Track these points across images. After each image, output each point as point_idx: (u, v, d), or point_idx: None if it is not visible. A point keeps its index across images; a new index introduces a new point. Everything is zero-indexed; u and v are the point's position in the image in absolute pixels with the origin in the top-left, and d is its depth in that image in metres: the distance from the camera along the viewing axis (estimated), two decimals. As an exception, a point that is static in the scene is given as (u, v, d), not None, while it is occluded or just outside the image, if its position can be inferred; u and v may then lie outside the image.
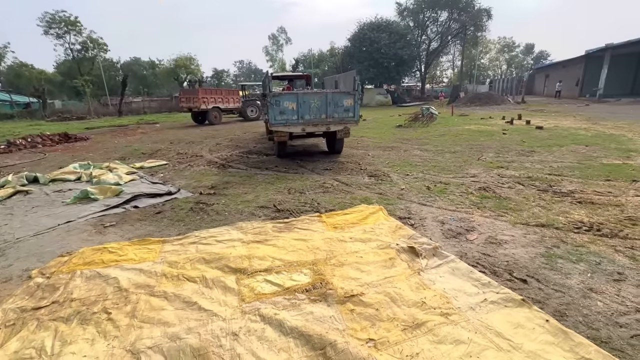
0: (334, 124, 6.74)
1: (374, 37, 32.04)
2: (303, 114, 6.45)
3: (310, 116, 6.51)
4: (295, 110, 6.40)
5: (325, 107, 6.52)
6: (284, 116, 6.38)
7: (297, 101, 6.37)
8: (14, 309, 2.34)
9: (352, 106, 6.68)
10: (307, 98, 6.45)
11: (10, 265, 3.09)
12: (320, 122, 6.62)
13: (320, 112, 6.54)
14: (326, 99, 6.51)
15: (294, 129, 6.61)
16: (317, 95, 6.57)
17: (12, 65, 37.32)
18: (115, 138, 13.28)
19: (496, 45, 58.66)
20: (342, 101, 6.60)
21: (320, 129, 6.78)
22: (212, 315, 2.19)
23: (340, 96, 6.65)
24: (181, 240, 3.39)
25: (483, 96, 25.11)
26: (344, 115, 6.69)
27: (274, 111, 6.30)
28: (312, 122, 6.58)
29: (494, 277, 2.56)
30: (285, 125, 6.48)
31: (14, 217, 4.36)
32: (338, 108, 6.60)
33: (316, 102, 6.46)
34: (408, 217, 3.85)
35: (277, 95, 6.42)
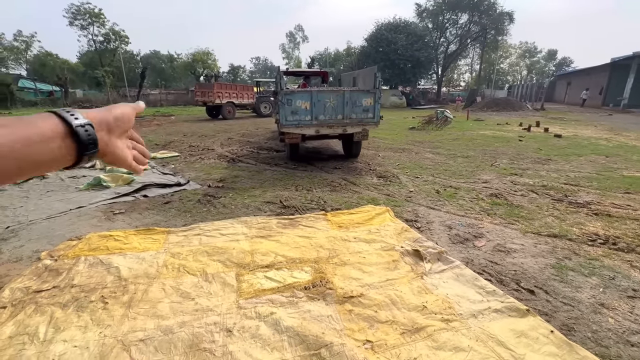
0: (351, 126, 6.09)
1: (391, 38, 31.71)
2: (317, 114, 5.84)
3: (325, 117, 5.90)
4: (308, 110, 5.79)
5: (342, 106, 5.90)
6: (296, 116, 5.80)
7: (311, 100, 5.75)
8: (21, 289, 2.39)
9: (371, 106, 6.03)
10: (322, 97, 5.83)
11: (22, 246, 3.17)
12: (336, 124, 5.99)
13: (337, 112, 5.91)
14: (343, 98, 5.87)
15: (306, 130, 5.94)
16: (333, 94, 5.88)
17: (38, 55, 38.60)
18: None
19: (517, 50, 57.24)
20: (360, 100, 5.98)
21: (336, 130, 6.12)
22: (208, 310, 2.18)
23: (359, 95, 5.99)
24: (186, 232, 3.42)
25: (501, 101, 24.52)
26: (362, 115, 6.06)
27: (285, 111, 5.70)
28: (327, 123, 5.95)
29: (500, 286, 2.47)
30: (297, 126, 5.87)
31: (29, 200, 4.49)
32: (356, 108, 5.98)
33: (332, 102, 5.85)
34: (415, 220, 3.78)
35: (288, 93, 5.77)
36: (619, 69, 24.25)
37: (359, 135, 6.34)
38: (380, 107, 6.18)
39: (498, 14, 33.37)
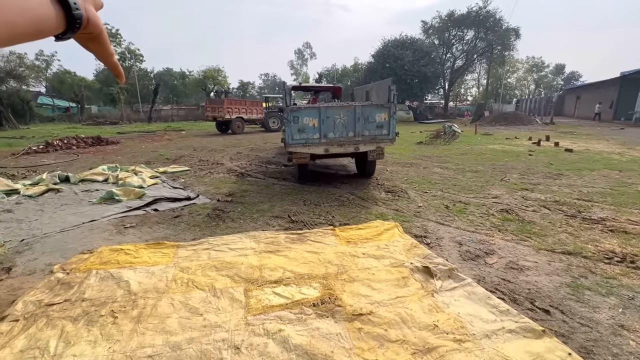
0: (364, 144, 5.62)
1: (397, 54, 32.20)
2: (326, 131, 5.45)
3: (335, 134, 5.50)
4: (316, 127, 5.40)
5: (353, 123, 5.48)
6: (304, 135, 5.42)
7: (319, 117, 5.37)
8: (33, 302, 2.43)
9: (386, 121, 5.60)
10: (331, 113, 5.44)
11: (35, 259, 3.23)
12: (347, 142, 5.54)
13: (348, 129, 5.51)
14: (354, 113, 5.47)
15: (315, 149, 5.52)
16: (343, 110, 5.50)
17: (57, 72, 40.27)
18: (143, 143, 13.89)
19: (524, 65, 57.38)
20: (374, 116, 5.55)
21: (348, 149, 5.62)
22: (216, 326, 2.17)
23: (372, 110, 5.57)
24: (195, 246, 3.44)
25: (509, 116, 24.42)
26: (376, 132, 5.62)
27: (291, 129, 5.33)
28: (337, 142, 5.53)
29: (514, 305, 2.41)
30: (304, 145, 5.45)
31: (43, 214, 4.60)
32: (369, 124, 5.55)
33: (342, 118, 5.45)
34: (424, 235, 3.74)
35: (295, 110, 5.39)
36: (629, 82, 24.03)
37: (373, 153, 5.79)
38: (395, 122, 5.74)
39: (504, 30, 33.70)
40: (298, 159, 5.69)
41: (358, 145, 5.62)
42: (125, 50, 36.83)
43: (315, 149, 5.55)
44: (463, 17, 34.07)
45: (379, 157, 5.92)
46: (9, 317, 2.25)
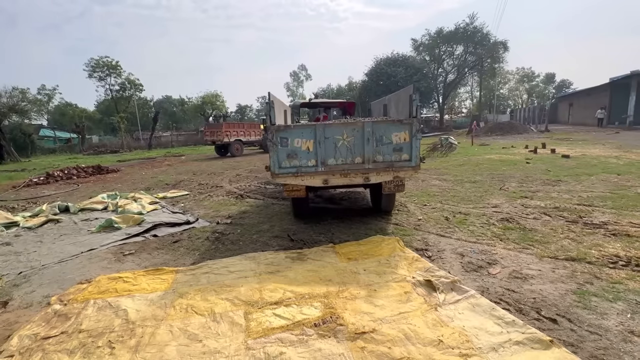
0: (377, 172, 4.20)
1: (390, 72, 33.00)
2: (325, 157, 4.13)
3: (337, 160, 4.16)
4: (311, 151, 4.12)
5: (361, 145, 4.12)
6: (294, 161, 4.15)
7: (315, 137, 4.08)
8: (29, 336, 2.38)
9: (407, 143, 4.12)
10: (331, 132, 4.12)
11: (32, 291, 3.19)
12: (353, 170, 4.18)
13: (354, 153, 4.15)
14: (362, 132, 4.09)
15: (310, 180, 4.22)
16: (347, 128, 4.15)
17: (58, 105, 41.16)
18: (143, 170, 13.99)
19: (515, 76, 58.62)
20: (389, 135, 4.12)
21: (354, 179, 4.26)
22: (216, 352, 2.12)
23: (387, 127, 4.15)
24: (194, 271, 3.40)
25: (504, 125, 24.74)
26: (393, 157, 4.17)
27: (278, 154, 4.12)
28: (339, 170, 4.18)
29: (520, 316, 2.35)
30: (295, 175, 4.16)
31: (42, 245, 4.57)
32: (383, 147, 4.15)
33: (346, 139, 4.11)
34: (425, 248, 3.70)
35: (282, 129, 4.14)
36: (618, 88, 24.46)
37: (389, 185, 4.31)
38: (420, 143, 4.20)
39: (492, 44, 34.71)
40: (290, 191, 4.38)
41: (368, 175, 4.19)
42: (125, 81, 37.78)
43: (310, 179, 4.22)
44: (451, 33, 35.20)
45: (398, 190, 4.38)
46: (4, 353, 2.19)
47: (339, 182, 4.32)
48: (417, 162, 4.20)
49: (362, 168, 4.19)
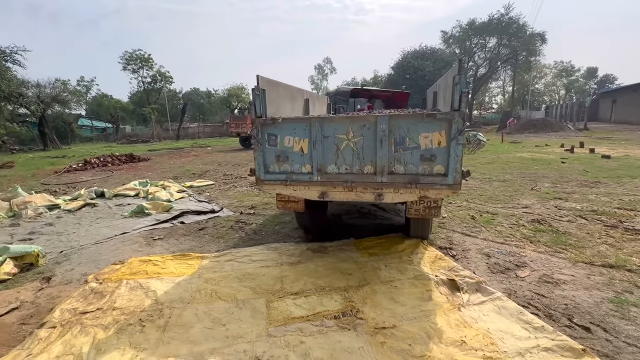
0: (394, 189, 2.95)
1: (418, 65, 32.09)
2: (323, 162, 3.06)
3: (340, 168, 3.05)
4: (306, 154, 3.09)
5: (372, 148, 2.91)
6: (284, 165, 3.18)
7: (310, 136, 3.02)
8: (69, 310, 2.57)
9: (442, 149, 2.76)
10: (331, 129, 2.98)
11: (72, 269, 3.43)
12: (360, 182, 3.01)
13: (363, 159, 2.98)
14: (375, 131, 2.86)
15: (303, 191, 3.21)
16: (355, 124, 2.93)
17: (95, 96, 43.43)
18: (171, 159, 14.54)
19: (552, 70, 55.14)
20: (415, 136, 2.80)
21: (362, 196, 3.08)
22: (238, 337, 2.19)
23: (410, 125, 2.81)
24: (218, 258, 3.52)
25: (538, 122, 23.42)
26: (419, 168, 2.86)
27: (264, 155, 3.23)
28: (342, 181, 3.05)
29: (549, 322, 2.25)
30: (285, 183, 3.19)
31: (80, 227, 4.89)
32: (405, 153, 2.85)
33: (352, 139, 2.95)
34: (449, 247, 3.61)
35: (269, 124, 3.14)
36: (671, 83, 22.40)
37: (415, 207, 3.08)
38: (462, 151, 2.73)
39: (529, 36, 32.76)
40: (284, 203, 3.43)
41: (381, 191, 2.98)
42: (157, 73, 39.17)
43: (304, 190, 3.20)
44: (484, 25, 33.54)
45: (430, 215, 3.12)
46: (47, 324, 2.38)
47: (341, 197, 3.14)
48: (458, 179, 2.69)
49: (373, 181, 2.93)
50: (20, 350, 2.13)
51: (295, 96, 4.24)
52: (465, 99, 2.59)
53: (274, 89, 3.47)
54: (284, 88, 3.86)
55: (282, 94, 3.72)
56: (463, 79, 2.61)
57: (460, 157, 2.70)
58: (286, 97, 3.92)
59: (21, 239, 4.35)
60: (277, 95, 3.56)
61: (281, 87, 3.75)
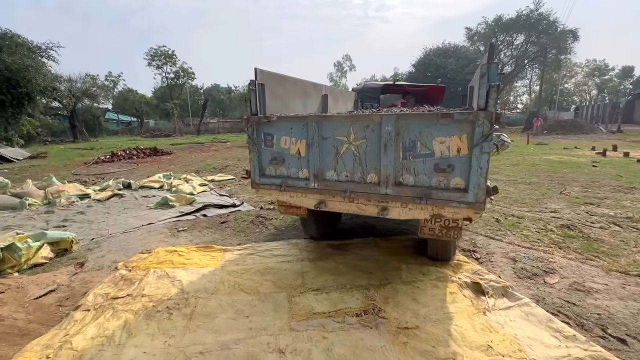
0: (402, 203, 2.53)
1: (440, 63, 31.36)
2: (321, 167, 2.71)
3: (340, 175, 2.68)
4: (303, 157, 2.76)
5: (376, 154, 2.50)
6: (281, 168, 2.90)
7: (307, 137, 2.69)
8: (101, 294, 2.69)
9: (462, 158, 2.24)
10: (331, 130, 2.62)
11: (103, 256, 3.59)
12: (362, 193, 2.61)
13: (365, 166, 2.58)
14: (379, 133, 2.43)
15: (300, 199, 2.92)
16: (357, 124, 2.53)
17: (122, 91, 45.07)
18: (192, 154, 14.90)
19: (584, 69, 52.53)
20: (427, 140, 2.33)
21: (365, 208, 2.70)
22: (261, 329, 2.23)
23: (423, 127, 2.33)
24: (240, 251, 3.59)
25: (567, 124, 22.43)
26: (433, 180, 2.38)
27: (259, 157, 2.97)
28: (341, 190, 2.67)
29: (581, 331, 2.16)
30: (280, 188, 2.91)
31: (109, 216, 5.10)
32: (416, 160, 2.39)
33: (354, 143, 2.56)
34: (473, 250, 3.52)
35: (264, 122, 2.85)
36: None
37: (428, 227, 2.64)
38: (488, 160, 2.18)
39: (559, 33, 31.32)
40: (285, 208, 3.21)
41: (387, 205, 2.57)
42: (179, 69, 40.19)
43: (300, 198, 2.90)
44: (512, 21, 32.34)
45: (448, 236, 2.61)
46: (82, 307, 2.51)
47: (341, 209, 2.79)
48: (480, 197, 2.16)
49: (377, 192, 2.50)
50: (58, 330, 2.26)
51: (309, 91, 3.88)
52: (495, 95, 2.02)
53: (279, 84, 3.19)
54: (294, 83, 3.50)
55: (291, 89, 3.42)
56: (494, 69, 2.02)
57: (486, 170, 2.13)
58: (296, 93, 3.56)
59: (56, 226, 4.59)
60: (284, 90, 3.29)
61: (289, 82, 3.42)
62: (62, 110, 26.21)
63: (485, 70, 2.03)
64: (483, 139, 2.09)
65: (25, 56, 15.80)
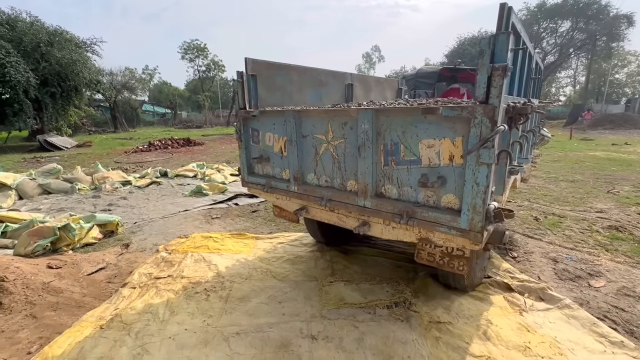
0: (383, 221, 1.97)
1: (475, 53, 29.86)
2: (301, 168, 2.35)
3: (319, 179, 2.28)
4: (284, 157, 2.44)
5: (354, 157, 2.00)
6: (266, 167, 2.63)
7: (287, 134, 2.33)
8: (145, 274, 2.89)
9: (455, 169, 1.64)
10: (309, 127, 2.23)
11: (145, 239, 3.84)
12: (341, 202, 2.12)
13: (344, 170, 2.11)
14: (356, 132, 1.93)
15: (283, 201, 2.61)
16: (335, 120, 2.06)
17: (157, 84, 47.16)
18: (222, 144, 15.37)
19: (638, 58, 47.87)
20: (414, 143, 1.75)
21: (345, 220, 2.25)
22: (294, 315, 2.30)
23: (408, 125, 1.75)
24: (271, 239, 3.69)
25: (616, 118, 20.70)
26: (420, 196, 1.80)
27: (246, 154, 2.72)
28: (318, 197, 2.22)
29: (631, 338, 2.03)
30: (264, 188, 2.60)
31: (149, 202, 5.42)
32: (400, 169, 1.83)
33: (332, 142, 2.11)
34: (510, 248, 3.39)
35: (250, 117, 2.57)
36: None
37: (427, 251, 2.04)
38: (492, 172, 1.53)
39: (611, 18, 28.63)
40: (279, 211, 2.81)
41: (368, 219, 2.10)
42: (211, 62, 41.30)
43: (285, 201, 2.58)
44: (557, 6, 29.98)
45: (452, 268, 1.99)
46: (128, 284, 2.71)
47: (323, 217, 2.41)
48: (476, 224, 1.59)
49: (355, 204, 2.04)
50: (109, 304, 2.46)
51: (326, 80, 3.35)
52: (500, 82, 1.41)
53: (279, 73, 2.85)
54: (301, 72, 3.06)
55: (297, 79, 3.03)
56: (501, 42, 1.40)
57: (484, 187, 1.51)
58: (305, 83, 3.12)
59: (102, 209, 4.95)
60: (287, 80, 2.91)
61: (294, 71, 3.00)
62: (104, 102, 27.91)
63: (485, 46, 1.40)
64: (480, 144, 1.46)
65: (73, 51, 16.93)
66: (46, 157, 11.78)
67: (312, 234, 3.51)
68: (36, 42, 15.62)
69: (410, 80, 6.35)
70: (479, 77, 1.46)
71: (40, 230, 3.44)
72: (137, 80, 32.27)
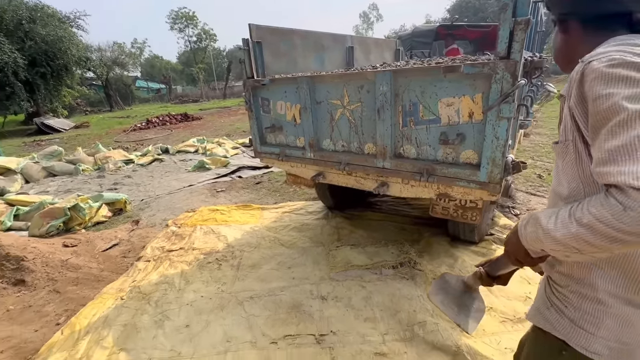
0: (402, 179, 2.05)
1: (479, 5, 28.24)
2: (316, 135, 2.37)
3: (336, 144, 2.31)
4: (299, 124, 2.44)
5: (372, 120, 2.03)
6: (279, 136, 2.63)
7: (301, 101, 2.31)
8: (158, 248, 2.99)
9: (475, 125, 1.69)
10: (323, 92, 2.21)
11: (153, 215, 3.92)
12: (359, 165, 2.19)
13: (362, 134, 2.15)
14: (374, 95, 1.94)
15: (299, 169, 2.63)
16: (350, 84, 2.05)
17: (148, 58, 45.61)
18: (221, 118, 15.16)
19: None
20: (433, 102, 1.77)
21: (363, 183, 2.31)
22: (303, 278, 2.40)
23: (428, 85, 1.76)
24: (277, 209, 3.75)
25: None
26: (438, 153, 1.87)
27: (257, 124, 2.71)
28: (335, 162, 2.28)
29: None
30: (279, 157, 2.62)
31: (153, 179, 5.47)
32: (419, 128, 1.88)
33: (348, 108, 2.12)
34: (512, 206, 3.43)
35: (259, 86, 2.55)
36: None
37: (441, 205, 2.24)
38: (509, 127, 1.57)
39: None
40: (294, 178, 2.84)
41: (387, 180, 2.17)
42: (201, 31, 39.57)
43: (301, 168, 2.61)
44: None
45: (465, 218, 2.19)
46: (143, 258, 2.82)
47: (340, 182, 2.46)
48: (495, 176, 1.66)
49: (374, 165, 2.10)
50: (127, 277, 2.58)
51: (327, 45, 3.36)
52: (522, 36, 1.40)
53: (283, 39, 2.83)
54: (303, 36, 3.06)
55: (301, 44, 3.01)
56: None
57: (504, 140, 1.57)
58: (308, 48, 3.12)
59: (109, 189, 5.02)
60: (290, 46, 2.90)
61: (297, 36, 3.00)
62: (97, 81, 27.22)
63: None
64: (501, 99, 1.50)
65: (57, 27, 16.21)
66: (46, 139, 11.75)
67: (322, 198, 3.56)
68: (17, 20, 14.93)
69: (406, 40, 6.13)
70: (501, 33, 1.45)
71: (52, 211, 3.52)
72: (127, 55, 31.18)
